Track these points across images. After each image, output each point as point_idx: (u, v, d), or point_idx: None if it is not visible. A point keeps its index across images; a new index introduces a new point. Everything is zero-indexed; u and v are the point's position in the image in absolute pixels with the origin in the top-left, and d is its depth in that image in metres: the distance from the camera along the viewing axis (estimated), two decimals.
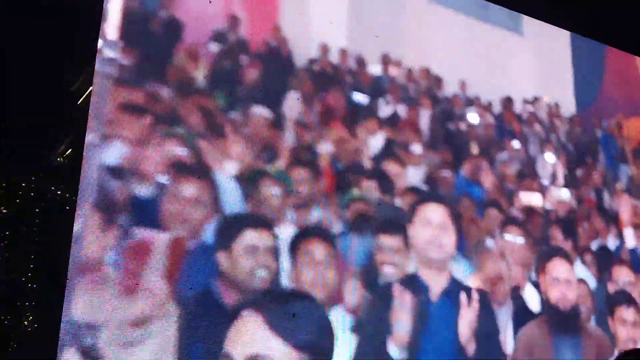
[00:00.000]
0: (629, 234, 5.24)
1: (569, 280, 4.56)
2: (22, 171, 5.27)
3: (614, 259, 4.92)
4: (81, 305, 2.86)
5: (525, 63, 5.03)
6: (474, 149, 4.53)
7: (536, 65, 5.07)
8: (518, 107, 4.85)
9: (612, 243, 4.95)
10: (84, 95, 3.52)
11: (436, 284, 4.05)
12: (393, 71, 4.33)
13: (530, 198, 4.69)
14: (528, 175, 4.74)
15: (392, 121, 4.25)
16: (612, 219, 5.08)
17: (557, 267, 4.58)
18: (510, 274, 4.39)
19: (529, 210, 4.64)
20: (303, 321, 3.47)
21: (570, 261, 4.64)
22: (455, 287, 4.11)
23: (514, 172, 4.66)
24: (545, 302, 4.44)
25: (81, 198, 2.97)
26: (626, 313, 4.81)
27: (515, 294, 4.38)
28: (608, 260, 4.88)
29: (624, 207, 5.17)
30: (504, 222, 4.48)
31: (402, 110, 4.31)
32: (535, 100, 4.95)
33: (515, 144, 4.76)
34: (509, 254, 4.42)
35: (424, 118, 4.36)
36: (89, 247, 2.95)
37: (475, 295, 4.15)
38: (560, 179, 4.88)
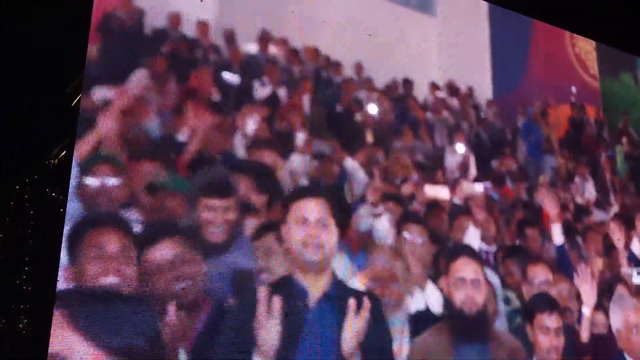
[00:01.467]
0: (556, 230, 4.78)
1: (476, 281, 4.10)
2: (16, 174, 5.23)
3: (530, 258, 4.46)
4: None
5: (434, 45, 4.58)
6: (369, 138, 4.08)
7: (448, 46, 4.62)
8: (423, 92, 4.40)
9: (532, 240, 4.50)
10: (78, 97, 3.41)
11: (315, 288, 3.59)
12: (273, 50, 3.89)
13: (435, 191, 4.24)
14: (434, 166, 4.29)
15: (271, 105, 3.79)
16: (534, 214, 4.63)
17: (463, 267, 4.12)
18: (408, 275, 3.93)
19: (433, 205, 4.18)
20: None
21: (479, 260, 4.18)
22: (338, 291, 3.66)
23: (415, 163, 4.20)
24: (448, 305, 3.98)
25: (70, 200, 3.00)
26: (548, 320, 4.35)
27: (413, 297, 3.93)
28: (523, 260, 4.42)
29: (549, 201, 4.72)
30: (402, 218, 4.02)
31: (282, 93, 3.86)
32: (445, 85, 4.51)
33: (419, 132, 4.31)
34: (406, 253, 3.97)
35: (309, 102, 3.91)
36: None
37: (364, 300, 3.70)
38: (472, 171, 4.43)
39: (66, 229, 2.93)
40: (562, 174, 4.88)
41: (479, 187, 4.42)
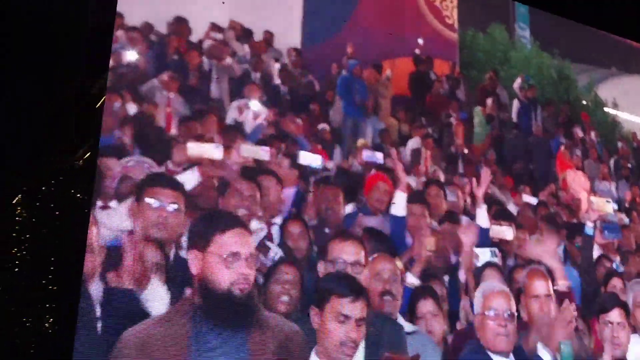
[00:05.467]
0: (399, 199, 3.99)
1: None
2: (41, 175, 5.30)
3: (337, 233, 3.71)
4: None
5: None
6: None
7: None
8: (198, 34, 3.71)
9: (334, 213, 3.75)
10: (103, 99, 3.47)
11: None
12: None
13: (202, 151, 3.53)
14: (201, 121, 3.58)
15: None
16: (347, 183, 3.87)
17: (230, 240, 3.37)
18: (146, 251, 3.23)
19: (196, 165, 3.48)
20: None
21: (250, 232, 3.44)
22: None
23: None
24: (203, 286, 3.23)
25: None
26: (348, 307, 3.52)
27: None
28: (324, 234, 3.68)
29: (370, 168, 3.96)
30: (147, 180, 3.33)
31: None
32: (231, 27, 3.80)
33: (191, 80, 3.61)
34: (149, 222, 3.26)
35: None
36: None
37: None
38: (257, 129, 3.71)
39: None
40: (391, 137, 4.12)
41: (264, 152, 3.68)
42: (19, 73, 4.51)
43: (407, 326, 3.69)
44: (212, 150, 3.53)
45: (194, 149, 3.49)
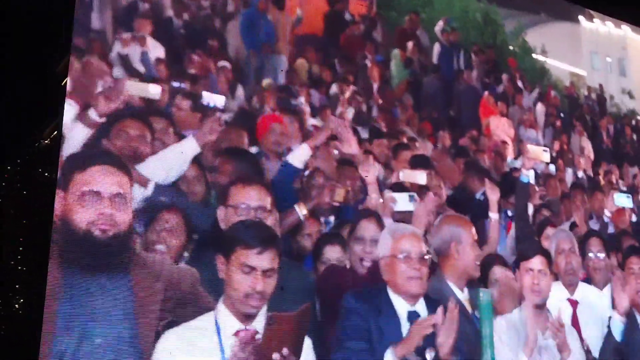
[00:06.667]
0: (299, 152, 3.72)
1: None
2: (7, 155, 5.34)
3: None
4: None
5: None
6: None
7: None
8: None
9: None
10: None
11: None
12: None
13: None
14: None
15: None
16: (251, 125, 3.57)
17: (89, 178, 2.95)
18: None
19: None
20: None
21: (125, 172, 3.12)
22: None
23: None
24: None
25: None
26: (255, 259, 3.21)
27: None
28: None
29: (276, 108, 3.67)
30: None
31: None
32: None
33: None
34: None
35: None
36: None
37: None
38: (148, 66, 3.39)
39: None
40: (300, 78, 3.84)
41: (155, 90, 3.35)
42: None
43: None
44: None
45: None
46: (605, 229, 4.66)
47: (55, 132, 4.36)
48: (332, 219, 3.77)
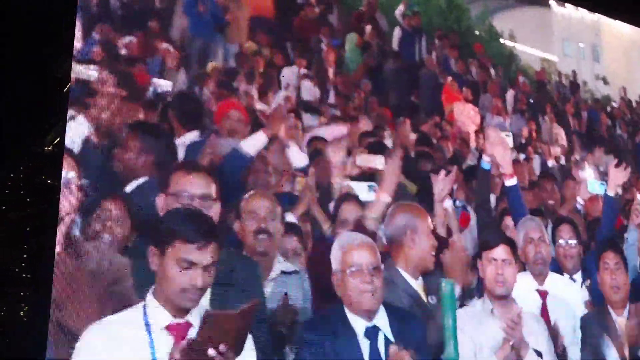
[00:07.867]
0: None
1: None
2: (10, 161, 5.35)
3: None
4: None
5: None
6: None
7: None
8: None
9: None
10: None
11: None
12: None
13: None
14: None
15: None
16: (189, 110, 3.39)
17: None
18: None
19: None
20: None
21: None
22: None
23: None
24: None
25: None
26: (193, 254, 3.03)
27: None
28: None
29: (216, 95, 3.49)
30: None
31: None
32: None
33: None
34: None
35: None
36: None
37: None
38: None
39: None
40: (249, 62, 3.67)
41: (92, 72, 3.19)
42: None
43: (286, 266, 3.27)
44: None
45: None
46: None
47: (58, 139, 4.26)
48: None
